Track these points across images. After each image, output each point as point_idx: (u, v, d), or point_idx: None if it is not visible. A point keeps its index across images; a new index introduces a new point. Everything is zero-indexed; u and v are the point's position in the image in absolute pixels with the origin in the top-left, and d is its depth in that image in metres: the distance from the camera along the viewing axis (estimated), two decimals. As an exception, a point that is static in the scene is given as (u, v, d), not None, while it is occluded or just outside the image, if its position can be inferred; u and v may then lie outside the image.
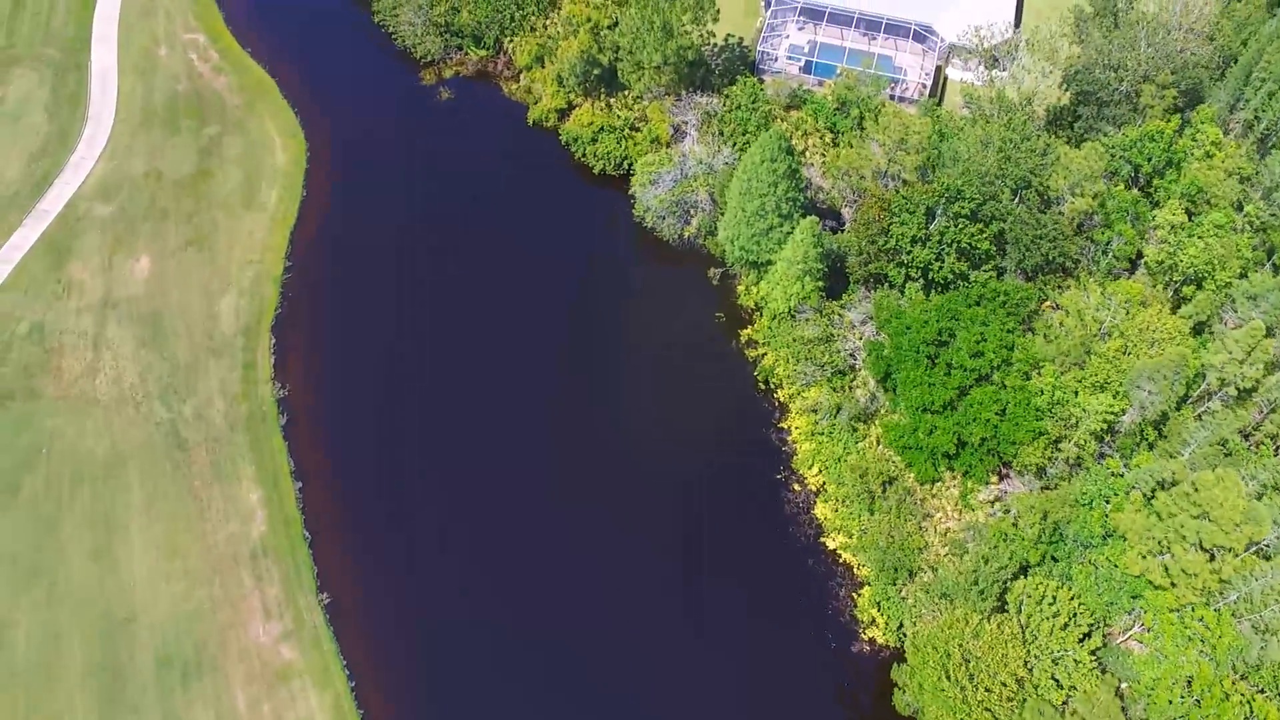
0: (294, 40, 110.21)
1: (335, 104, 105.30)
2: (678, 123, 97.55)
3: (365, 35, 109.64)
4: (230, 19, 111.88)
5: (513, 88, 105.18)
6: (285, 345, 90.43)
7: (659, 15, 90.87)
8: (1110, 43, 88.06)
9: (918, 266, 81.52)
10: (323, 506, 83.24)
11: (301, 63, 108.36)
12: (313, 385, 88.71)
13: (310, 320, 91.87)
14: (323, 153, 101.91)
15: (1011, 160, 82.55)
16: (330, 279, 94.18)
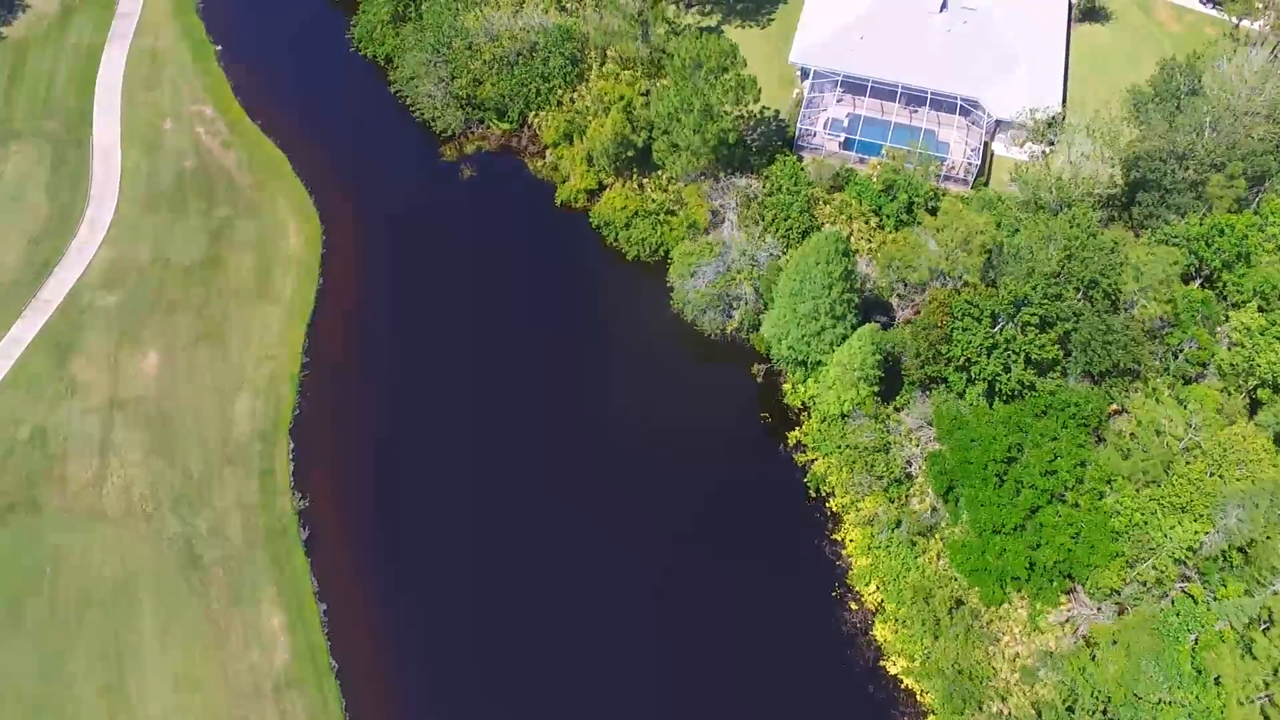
0: (307, 112, 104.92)
1: (351, 182, 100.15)
2: (716, 207, 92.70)
3: (382, 107, 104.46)
4: (239, 89, 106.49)
5: (538, 165, 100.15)
6: (305, 451, 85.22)
7: (699, 98, 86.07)
8: (1175, 130, 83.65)
9: (985, 379, 76.88)
10: (350, 631, 78.14)
11: (315, 137, 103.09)
12: (336, 495, 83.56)
13: (331, 423, 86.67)
14: (339, 237, 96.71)
15: (1077, 258, 78.01)
16: (351, 377, 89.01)
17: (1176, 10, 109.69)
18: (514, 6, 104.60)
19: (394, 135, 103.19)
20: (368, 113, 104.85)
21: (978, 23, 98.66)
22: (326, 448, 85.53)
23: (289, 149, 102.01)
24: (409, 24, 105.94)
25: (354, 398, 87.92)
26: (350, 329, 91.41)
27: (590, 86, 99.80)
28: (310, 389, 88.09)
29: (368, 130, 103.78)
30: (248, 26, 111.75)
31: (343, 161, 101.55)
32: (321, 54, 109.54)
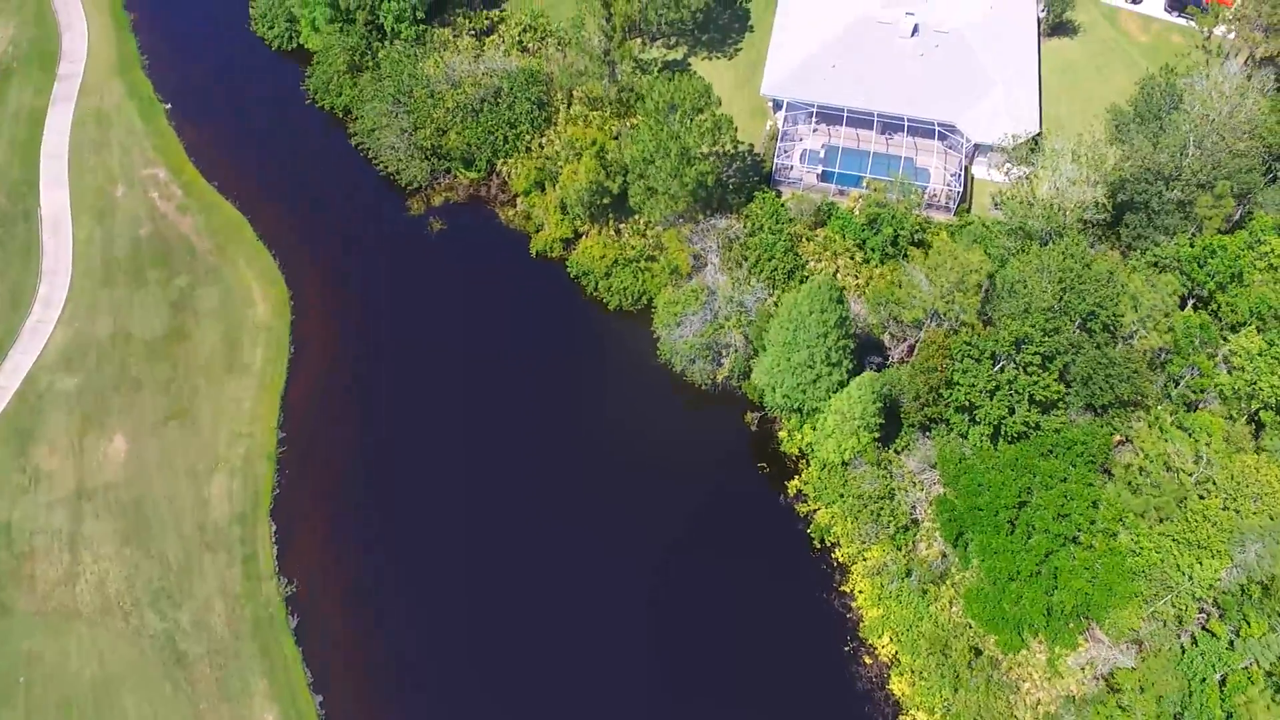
0: (265, 170, 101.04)
1: (316, 242, 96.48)
2: (697, 251, 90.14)
3: (343, 161, 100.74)
4: (193, 149, 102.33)
5: (509, 214, 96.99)
6: (288, 532, 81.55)
7: (675, 141, 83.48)
8: (1159, 150, 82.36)
9: (990, 423, 74.98)
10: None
11: (275, 196, 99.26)
12: (324, 578, 79.98)
13: (313, 501, 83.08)
14: (308, 301, 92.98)
15: (1073, 290, 76.39)
16: (331, 450, 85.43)
17: (1143, 20, 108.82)
18: (475, 51, 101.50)
19: (358, 190, 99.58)
20: (329, 167, 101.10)
21: (950, 45, 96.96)
22: (311, 527, 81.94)
23: (249, 210, 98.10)
24: (366, 73, 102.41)
25: (336, 472, 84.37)
26: (327, 399, 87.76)
27: (559, 131, 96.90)
28: (289, 465, 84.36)
29: (330, 186, 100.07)
30: (197, 82, 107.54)
31: (306, 220, 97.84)
32: (276, 107, 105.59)
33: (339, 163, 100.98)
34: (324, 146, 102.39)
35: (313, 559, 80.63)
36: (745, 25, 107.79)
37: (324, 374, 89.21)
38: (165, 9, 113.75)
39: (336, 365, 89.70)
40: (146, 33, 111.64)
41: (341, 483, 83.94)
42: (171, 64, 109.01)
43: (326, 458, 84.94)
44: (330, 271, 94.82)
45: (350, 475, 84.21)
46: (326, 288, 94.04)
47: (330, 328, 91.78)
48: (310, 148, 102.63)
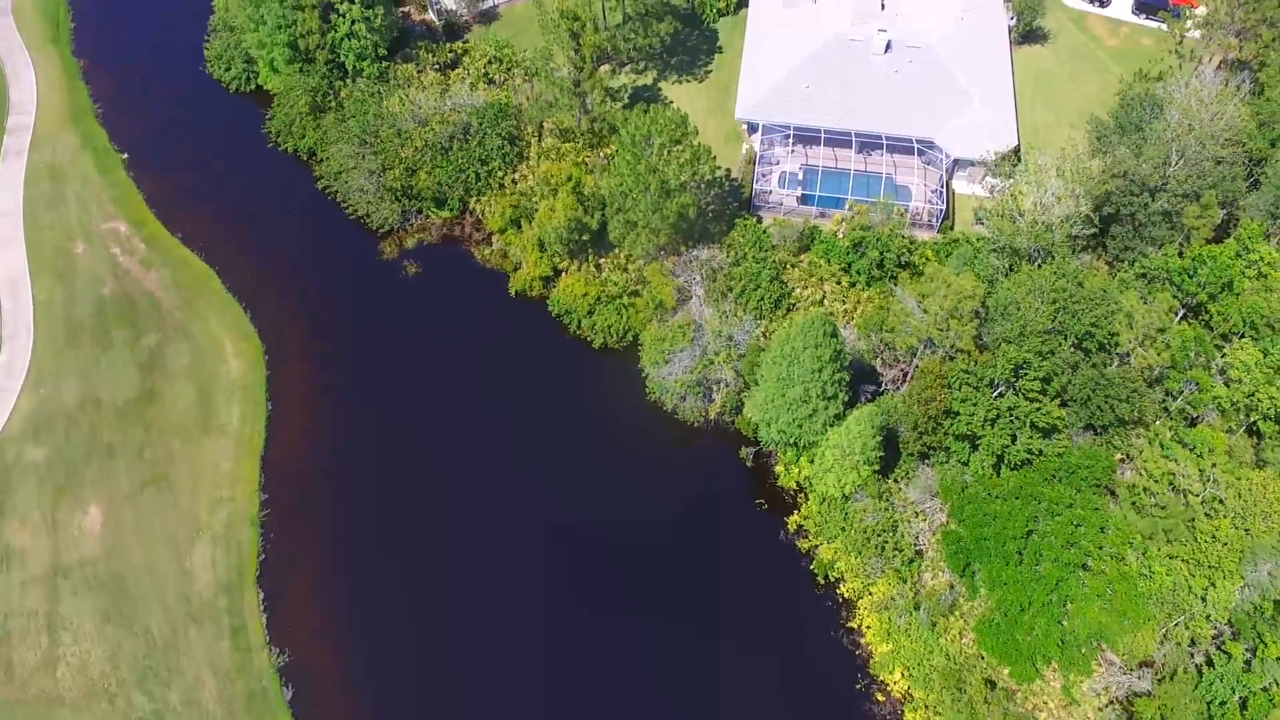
0: (229, 218, 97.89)
1: (288, 292, 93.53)
2: (680, 284, 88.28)
3: (311, 206, 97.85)
4: (153, 200, 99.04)
5: (485, 253, 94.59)
6: (277, 600, 78.76)
7: (654, 175, 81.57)
8: (1143, 163, 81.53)
9: (993, 452, 73.75)
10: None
11: (242, 245, 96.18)
12: (317, 646, 77.21)
13: (301, 565, 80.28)
14: (283, 353, 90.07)
15: (1068, 311, 75.33)
16: (316, 511, 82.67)
17: (1111, 24, 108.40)
18: (440, 86, 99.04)
19: (327, 235, 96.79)
20: (295, 211, 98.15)
21: (923, 60, 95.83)
22: (301, 594, 79.18)
23: (215, 261, 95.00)
24: (329, 114, 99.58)
25: (324, 534, 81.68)
26: (309, 457, 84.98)
27: (532, 166, 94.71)
28: (274, 529, 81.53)
29: (298, 232, 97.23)
30: (154, 129, 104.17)
31: (275, 269, 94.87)
32: (237, 152, 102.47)
33: (306, 207, 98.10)
34: (289, 191, 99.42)
35: (304, 627, 77.91)
36: (714, 47, 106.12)
37: (304, 430, 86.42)
38: (116, 54, 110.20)
39: (316, 420, 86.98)
40: (98, 80, 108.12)
41: (330, 544, 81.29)
42: (126, 111, 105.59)
43: (312, 519, 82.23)
44: (304, 322, 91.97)
45: (338, 536, 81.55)
46: (301, 339, 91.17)
47: (308, 381, 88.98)
48: (275, 193, 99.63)
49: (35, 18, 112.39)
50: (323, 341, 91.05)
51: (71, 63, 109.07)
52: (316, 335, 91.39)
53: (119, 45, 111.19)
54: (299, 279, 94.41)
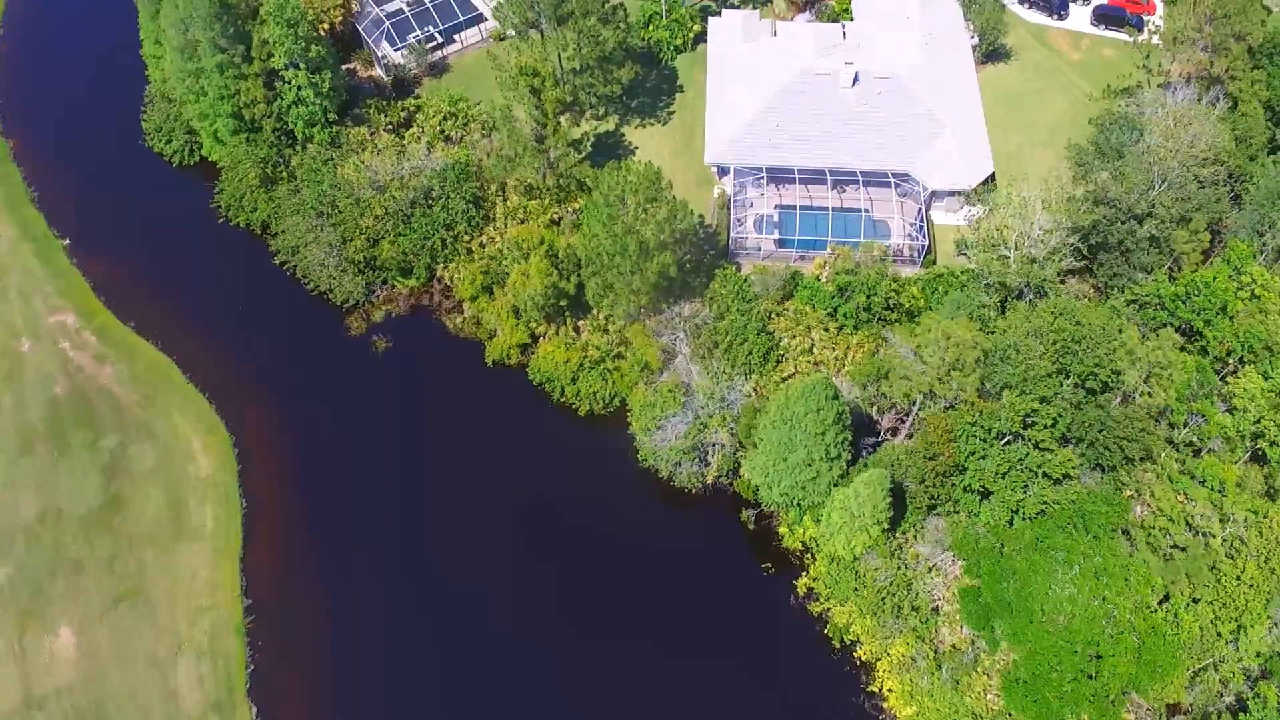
0: (184, 303, 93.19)
1: (252, 378, 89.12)
2: (665, 344, 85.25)
3: (268, 283, 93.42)
4: (101, 288, 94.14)
5: (457, 321, 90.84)
6: (272, 715, 74.62)
7: (633, 237, 78.43)
8: (1130, 192, 80.00)
9: (1008, 508, 71.71)
10: None
11: (200, 331, 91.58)
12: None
13: (294, 673, 76.16)
14: (254, 446, 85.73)
15: (1070, 352, 73.44)
16: (304, 612, 78.55)
17: (1072, 36, 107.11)
18: (396, 148, 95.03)
19: (289, 314, 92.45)
20: (254, 292, 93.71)
21: (893, 91, 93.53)
22: (296, 705, 75.08)
23: (173, 350, 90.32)
24: (281, 184, 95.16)
25: (315, 636, 77.52)
26: (291, 555, 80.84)
27: (499, 228, 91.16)
28: (261, 637, 77.35)
29: (258, 312, 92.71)
30: (95, 209, 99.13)
31: (237, 354, 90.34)
32: (186, 229, 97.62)
33: (264, 285, 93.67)
34: (245, 269, 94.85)
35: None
36: (674, 86, 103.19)
37: (283, 526, 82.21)
38: (48, 131, 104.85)
39: (295, 514, 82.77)
40: (31, 160, 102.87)
41: (323, 648, 77.20)
42: (64, 193, 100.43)
43: (301, 622, 78.08)
44: (272, 409, 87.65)
45: (331, 637, 77.50)
46: (271, 427, 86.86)
47: (282, 473, 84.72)
48: (230, 271, 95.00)
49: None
50: (294, 428, 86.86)
51: (1, 144, 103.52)
52: (287, 422, 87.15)
53: (50, 122, 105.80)
54: (263, 363, 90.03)
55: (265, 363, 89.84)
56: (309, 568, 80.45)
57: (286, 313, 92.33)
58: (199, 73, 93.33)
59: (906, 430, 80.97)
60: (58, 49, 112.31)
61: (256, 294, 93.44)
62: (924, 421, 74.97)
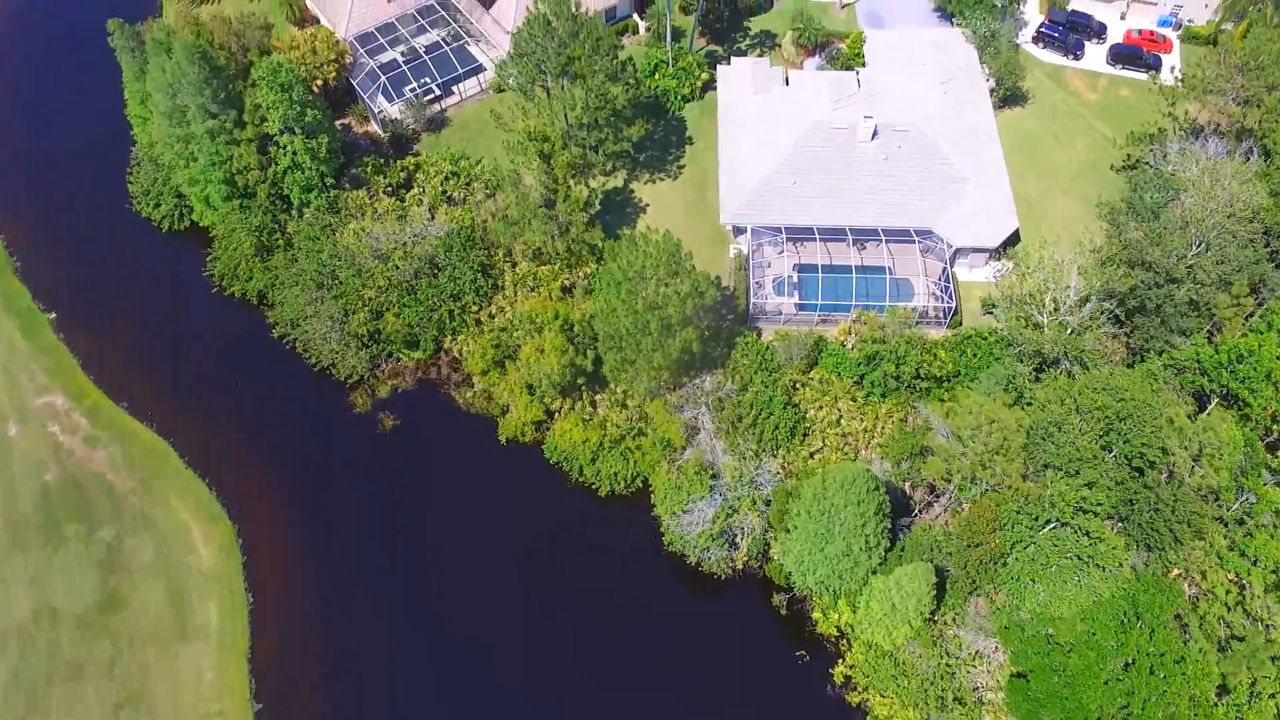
0: (179, 379, 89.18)
1: (254, 461, 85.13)
2: (688, 420, 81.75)
3: (268, 358, 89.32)
4: (91, 365, 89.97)
5: (468, 396, 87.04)
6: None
7: (654, 315, 74.87)
8: (1168, 255, 77.06)
9: (1061, 601, 68.62)
10: None
11: (196, 409, 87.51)
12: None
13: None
14: (258, 533, 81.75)
15: (1116, 431, 70.48)
16: (318, 713, 74.68)
17: (1088, 77, 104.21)
18: (396, 212, 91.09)
19: (290, 391, 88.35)
20: (252, 367, 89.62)
21: (912, 143, 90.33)
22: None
23: (169, 432, 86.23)
24: (278, 253, 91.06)
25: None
26: (302, 651, 76.90)
27: (508, 296, 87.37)
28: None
29: (258, 389, 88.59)
30: (82, 281, 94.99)
31: (237, 435, 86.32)
32: (179, 300, 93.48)
33: (263, 360, 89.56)
34: (243, 342, 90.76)
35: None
36: (683, 137, 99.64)
37: (292, 622, 78.28)
38: (29, 196, 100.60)
39: (305, 608, 78.86)
40: (11, 228, 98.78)
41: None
42: (48, 263, 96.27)
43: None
44: (276, 494, 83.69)
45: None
46: (275, 513, 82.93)
47: (289, 563, 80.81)
48: (228, 345, 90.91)
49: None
50: (300, 514, 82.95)
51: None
52: (292, 507, 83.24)
53: (31, 186, 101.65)
54: (265, 444, 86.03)
55: (267, 444, 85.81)
56: (321, 666, 76.59)
57: (288, 389, 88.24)
58: (188, 138, 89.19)
59: (943, 506, 77.92)
60: (37, 107, 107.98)
61: (255, 369, 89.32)
62: (965, 506, 71.81)
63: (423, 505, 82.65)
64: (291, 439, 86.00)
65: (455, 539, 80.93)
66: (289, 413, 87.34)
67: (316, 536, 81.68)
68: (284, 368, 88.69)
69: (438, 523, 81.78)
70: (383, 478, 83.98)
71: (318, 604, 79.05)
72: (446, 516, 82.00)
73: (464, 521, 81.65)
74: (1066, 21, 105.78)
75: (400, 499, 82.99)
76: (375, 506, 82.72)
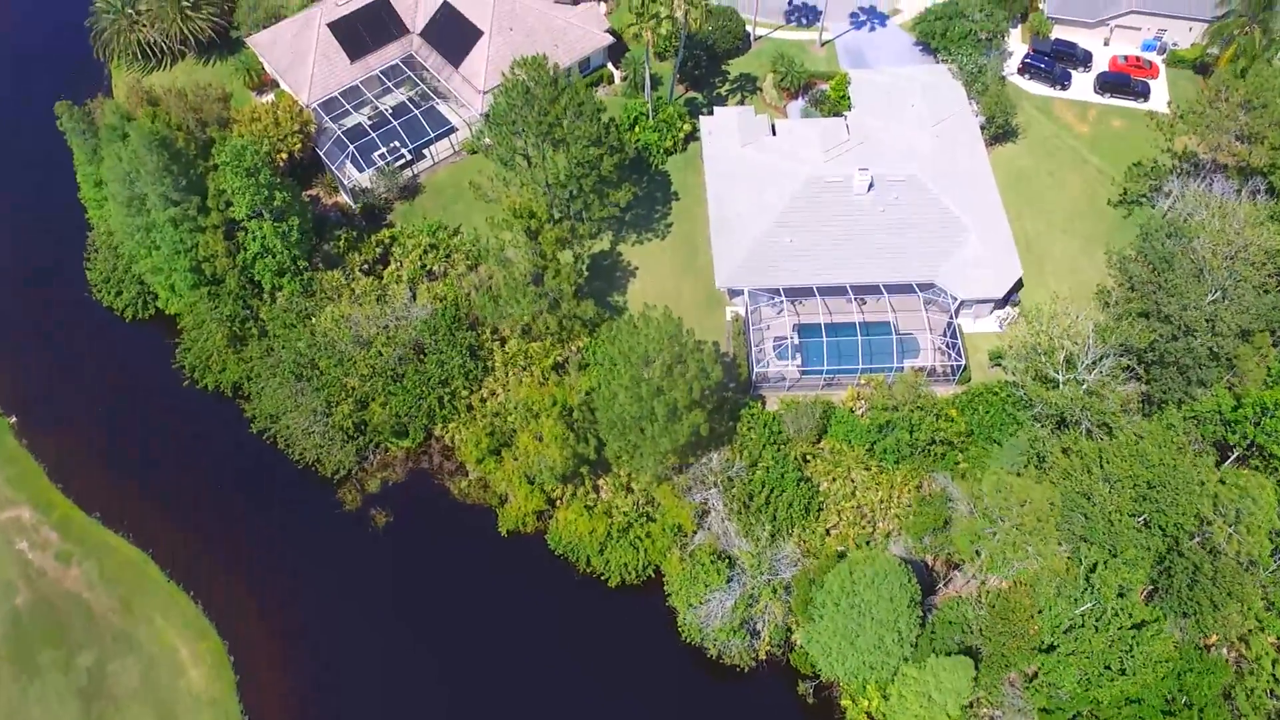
0: (154, 483, 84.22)
1: (242, 570, 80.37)
2: (698, 505, 78.07)
3: (250, 455, 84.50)
4: (57, 473, 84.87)
5: (463, 485, 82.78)
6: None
7: (660, 400, 71.06)
8: (1185, 308, 74.46)
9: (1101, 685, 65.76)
10: None
11: (176, 516, 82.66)
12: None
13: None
14: (250, 649, 77.15)
15: (1150, 500, 67.74)
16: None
17: (1078, 107, 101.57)
18: (375, 291, 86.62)
19: (275, 490, 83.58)
20: (232, 466, 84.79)
21: (909, 192, 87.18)
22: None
23: (148, 542, 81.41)
24: (252, 341, 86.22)
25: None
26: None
27: (499, 378, 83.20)
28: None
29: (239, 490, 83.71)
30: (41, 380, 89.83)
31: (222, 543, 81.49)
32: (149, 396, 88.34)
33: (244, 457, 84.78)
34: (220, 439, 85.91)
35: None
36: (668, 193, 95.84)
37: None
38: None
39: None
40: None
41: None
42: (3, 362, 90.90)
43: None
44: (267, 605, 79.01)
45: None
46: (268, 627, 78.26)
47: (286, 679, 76.27)
48: (204, 443, 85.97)
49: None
50: (294, 624, 78.34)
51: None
52: (285, 618, 78.58)
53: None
54: (251, 549, 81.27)
55: (253, 550, 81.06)
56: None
57: (272, 488, 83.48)
58: (149, 226, 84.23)
59: (968, 577, 74.92)
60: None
61: (235, 468, 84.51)
62: (994, 580, 68.84)
63: (424, 606, 78.27)
64: (279, 543, 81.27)
65: (462, 639, 76.77)
66: (275, 514, 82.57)
67: (313, 648, 77.16)
68: (266, 465, 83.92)
69: (442, 624, 77.49)
70: (380, 579, 79.53)
71: (318, 716, 74.52)
72: (451, 616, 77.71)
73: (470, 620, 77.43)
74: (1051, 51, 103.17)
75: (400, 601, 78.59)
76: (374, 611, 78.26)
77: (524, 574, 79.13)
